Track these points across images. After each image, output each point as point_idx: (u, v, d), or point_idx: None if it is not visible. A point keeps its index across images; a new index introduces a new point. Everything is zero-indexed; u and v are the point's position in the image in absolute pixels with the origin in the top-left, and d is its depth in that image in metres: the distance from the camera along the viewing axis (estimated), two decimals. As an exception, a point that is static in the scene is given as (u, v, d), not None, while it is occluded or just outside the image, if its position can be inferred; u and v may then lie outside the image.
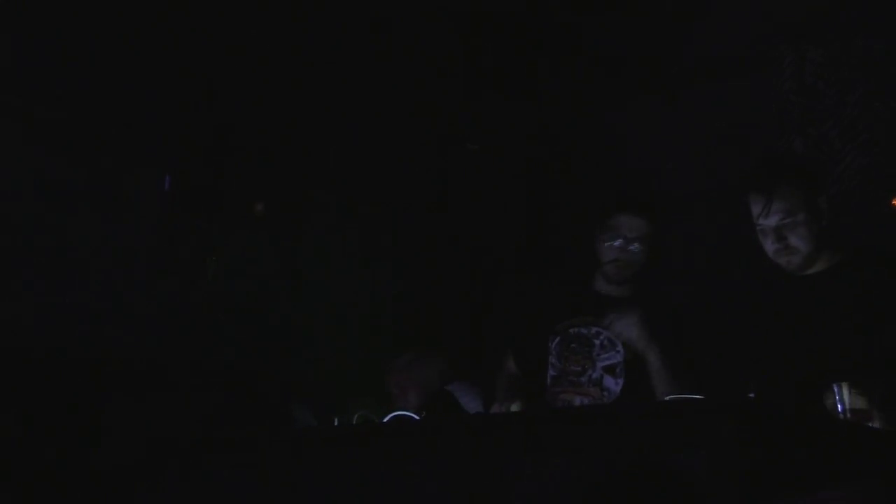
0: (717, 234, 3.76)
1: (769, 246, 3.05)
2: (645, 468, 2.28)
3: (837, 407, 2.45)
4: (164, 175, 3.91)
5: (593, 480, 2.31)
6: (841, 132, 4.65)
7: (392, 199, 5.14)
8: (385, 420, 2.99)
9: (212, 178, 4.14)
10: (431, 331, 5.00)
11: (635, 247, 3.46)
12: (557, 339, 3.53)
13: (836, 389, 2.45)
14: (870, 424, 2.41)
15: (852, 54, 4.68)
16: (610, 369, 3.43)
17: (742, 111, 4.93)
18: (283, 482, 2.83)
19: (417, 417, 3.08)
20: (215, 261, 4.35)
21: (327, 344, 4.77)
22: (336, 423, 3.20)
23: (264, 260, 4.66)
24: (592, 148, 5.26)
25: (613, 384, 3.39)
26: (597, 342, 3.47)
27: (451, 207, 5.13)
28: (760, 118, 4.86)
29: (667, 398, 2.60)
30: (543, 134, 5.30)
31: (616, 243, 3.47)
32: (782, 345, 3.07)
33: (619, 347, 3.42)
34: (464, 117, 5.15)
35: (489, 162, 5.24)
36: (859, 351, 2.86)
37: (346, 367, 4.75)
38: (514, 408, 3.17)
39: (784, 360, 3.03)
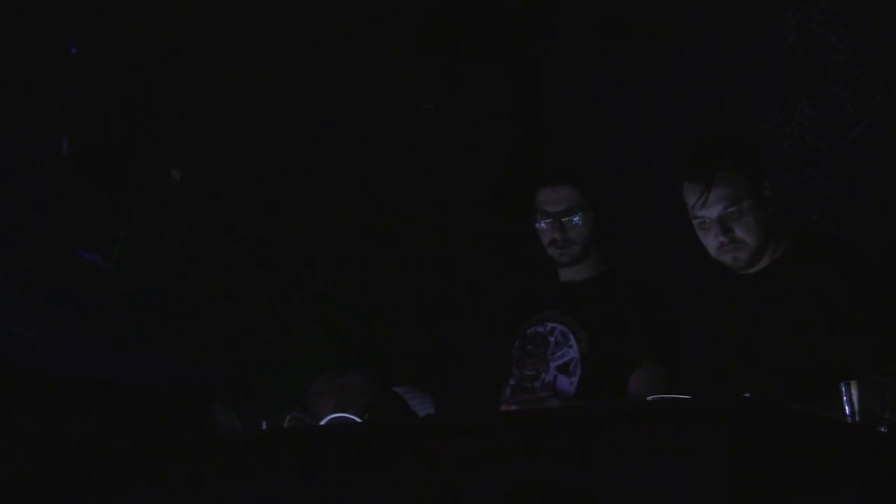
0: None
1: (711, 241, 3.08)
2: (622, 479, 2.28)
3: (845, 409, 2.48)
4: (61, 136, 3.88)
5: (561, 493, 2.32)
6: (854, 93, 4.68)
7: (330, 169, 5.11)
8: (322, 423, 3.02)
9: (120, 140, 4.12)
10: (376, 328, 5.02)
11: (568, 220, 3.48)
12: (517, 342, 3.56)
13: (843, 389, 2.47)
14: (881, 429, 2.44)
15: (868, 2, 4.69)
16: (563, 368, 3.46)
17: (740, 69, 4.95)
18: (204, 495, 2.84)
19: (359, 420, 3.12)
20: (123, 238, 4.32)
21: (254, 336, 4.77)
22: (265, 427, 3.21)
23: (181, 238, 4.63)
24: (574, 114, 5.27)
25: (567, 384, 3.42)
26: (551, 339, 3.50)
27: (404, 181, 5.12)
28: (762, 78, 4.89)
29: (649, 398, 2.62)
30: (518, 96, 5.32)
31: (544, 224, 3.50)
32: (733, 352, 3.11)
33: (572, 341, 3.44)
34: (419, 71, 5.14)
35: (450, 126, 5.24)
36: (817, 353, 2.92)
37: (276, 363, 4.75)
38: None
39: (737, 369, 3.08)
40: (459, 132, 5.05)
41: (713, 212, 3.04)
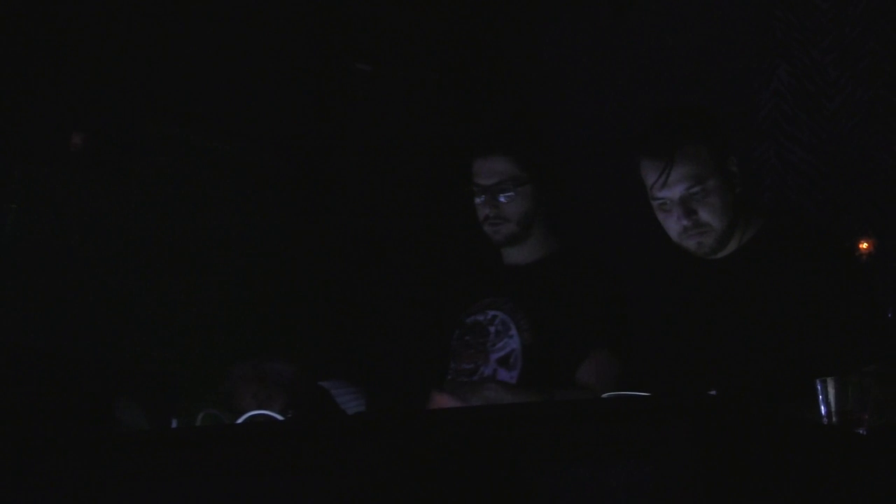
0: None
1: (673, 225, 3.07)
2: (574, 483, 2.29)
3: (821, 409, 2.49)
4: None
5: (511, 497, 2.31)
6: (838, 58, 4.68)
7: (254, 137, 5.09)
8: (239, 421, 3.02)
9: (14, 101, 4.08)
10: (298, 313, 5.00)
11: (503, 197, 3.46)
12: (456, 332, 3.55)
13: (819, 387, 2.48)
14: (860, 431, 2.45)
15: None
16: (503, 361, 3.44)
17: (710, 28, 4.94)
18: (103, 501, 2.82)
19: (281, 418, 3.12)
20: (16, 210, 4.29)
21: (164, 324, 4.74)
22: (175, 425, 3.21)
23: (83, 211, 4.59)
24: (518, 73, 5.25)
25: (508, 378, 3.40)
26: (491, 329, 3.48)
27: (333, 150, 5.11)
28: (734, 38, 4.89)
29: (603, 396, 2.62)
30: (458, 53, 5.30)
31: (480, 199, 3.49)
32: (698, 345, 3.13)
33: (514, 330, 3.43)
34: (353, 27, 5.11)
35: (387, 88, 5.22)
36: (789, 348, 2.93)
37: (188, 353, 4.73)
38: None
39: (702, 363, 3.09)
40: (394, 95, 5.01)
41: (675, 192, 3.03)
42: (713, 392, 2.50)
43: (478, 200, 3.50)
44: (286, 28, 5.15)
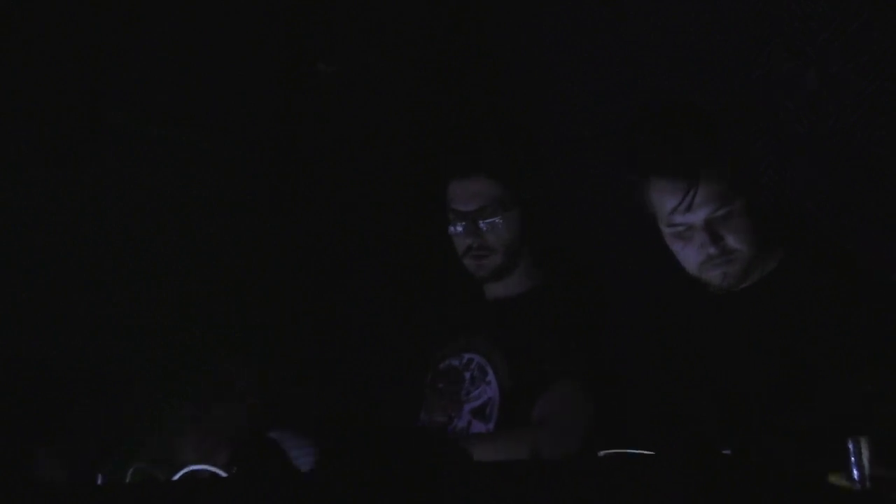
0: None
1: (693, 254, 2.94)
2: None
3: (853, 472, 2.35)
4: None
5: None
6: (840, 49, 4.63)
7: (212, 136, 5.06)
8: (175, 478, 2.93)
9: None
10: (250, 341, 4.94)
11: (485, 224, 3.31)
12: (429, 378, 3.43)
13: (851, 447, 2.35)
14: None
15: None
16: (479, 412, 3.31)
17: (706, 16, 4.91)
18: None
19: (224, 474, 3.02)
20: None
21: (98, 351, 4.64)
22: (101, 481, 3.10)
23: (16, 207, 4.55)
24: (498, 79, 5.21)
25: (484, 431, 3.26)
26: (467, 375, 3.35)
27: (297, 157, 5.07)
28: (730, 26, 4.85)
29: (600, 454, 2.50)
30: (433, 50, 5.27)
31: (458, 227, 3.34)
32: (716, 394, 2.99)
33: (491, 376, 3.27)
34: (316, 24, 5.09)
35: (352, 91, 5.15)
36: (821, 398, 2.81)
37: (143, 359, 4.65)
38: None
39: (721, 416, 2.96)
40: (361, 103, 4.93)
41: (698, 216, 2.88)
42: (727, 451, 2.38)
43: (456, 230, 3.35)
44: (256, 17, 5.14)
